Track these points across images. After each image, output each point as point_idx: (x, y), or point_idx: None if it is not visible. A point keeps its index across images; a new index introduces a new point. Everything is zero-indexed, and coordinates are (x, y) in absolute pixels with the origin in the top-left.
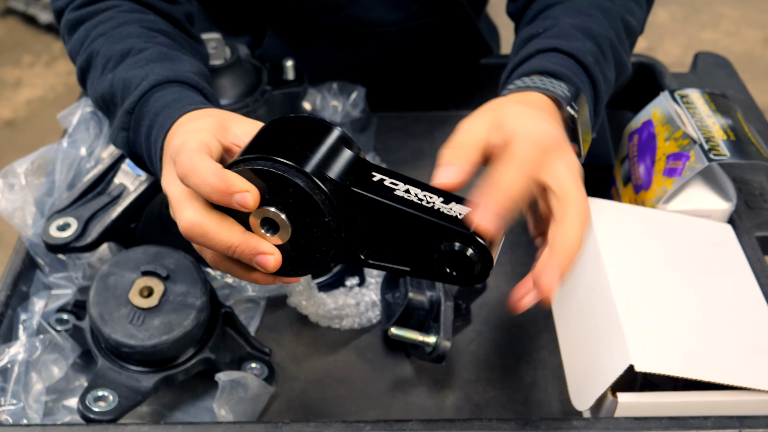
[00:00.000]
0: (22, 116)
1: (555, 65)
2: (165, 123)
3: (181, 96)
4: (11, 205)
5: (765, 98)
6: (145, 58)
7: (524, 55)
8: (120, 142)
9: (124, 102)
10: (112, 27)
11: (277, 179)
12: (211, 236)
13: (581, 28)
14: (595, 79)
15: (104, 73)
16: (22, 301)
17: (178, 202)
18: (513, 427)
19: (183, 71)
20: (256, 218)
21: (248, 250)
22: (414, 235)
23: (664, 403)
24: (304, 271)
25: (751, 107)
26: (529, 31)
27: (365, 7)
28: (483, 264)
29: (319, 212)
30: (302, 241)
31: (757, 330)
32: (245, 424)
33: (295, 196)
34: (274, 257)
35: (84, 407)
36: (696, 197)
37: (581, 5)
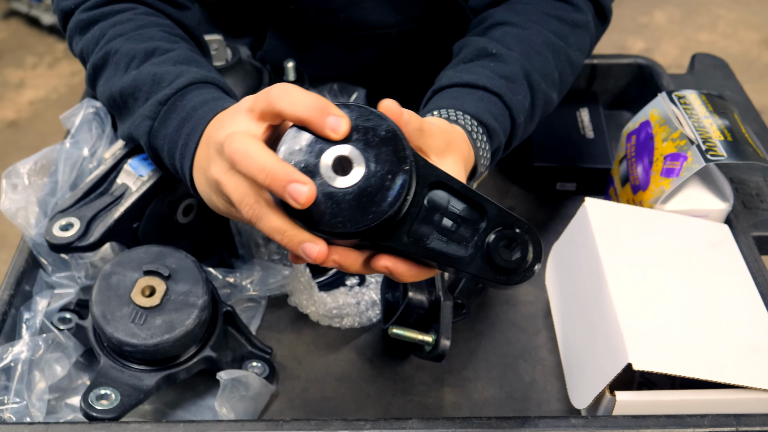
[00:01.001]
0: (25, 117)
1: (492, 119)
2: (206, 116)
3: (220, 96)
4: (14, 205)
5: (762, 99)
6: (172, 58)
7: (473, 80)
8: (141, 131)
9: (155, 94)
10: (132, 29)
11: (375, 119)
12: (252, 154)
13: (528, 75)
14: (515, 135)
15: (128, 70)
16: (26, 300)
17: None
18: (512, 425)
19: (215, 75)
20: (330, 155)
21: (280, 174)
22: (477, 217)
23: (661, 401)
24: (354, 225)
25: (748, 108)
26: (482, 45)
27: (365, 10)
28: (535, 254)
29: (402, 159)
30: (370, 189)
31: (753, 329)
32: (246, 423)
33: (384, 141)
34: (308, 187)
35: (87, 405)
36: (693, 197)
37: (535, 42)
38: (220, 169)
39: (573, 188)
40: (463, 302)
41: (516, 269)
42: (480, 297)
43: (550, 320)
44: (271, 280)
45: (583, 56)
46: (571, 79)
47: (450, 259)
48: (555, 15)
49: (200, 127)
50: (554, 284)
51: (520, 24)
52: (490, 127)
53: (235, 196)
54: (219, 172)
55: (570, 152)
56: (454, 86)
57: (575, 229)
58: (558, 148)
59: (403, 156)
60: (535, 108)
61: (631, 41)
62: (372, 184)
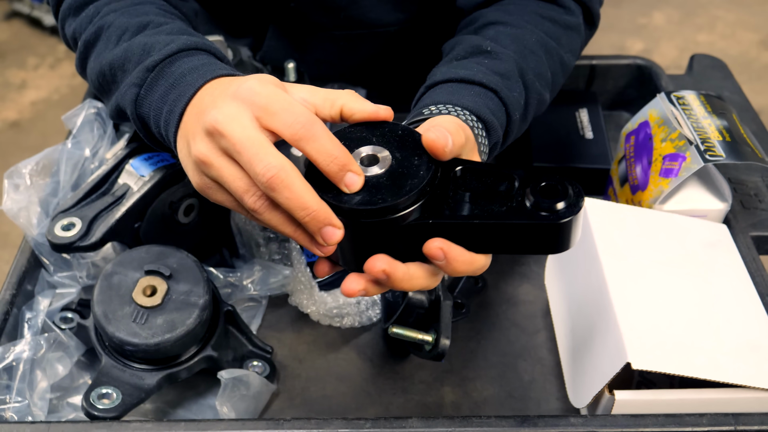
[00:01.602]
0: (27, 118)
1: (490, 114)
2: (195, 82)
3: (210, 62)
4: (16, 205)
5: (760, 100)
6: (165, 30)
7: (469, 76)
8: (127, 99)
9: (144, 61)
10: (126, 5)
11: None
12: (295, 187)
13: (523, 73)
14: (510, 132)
15: (119, 43)
16: (27, 299)
17: (260, 146)
18: (511, 424)
19: (210, 43)
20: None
21: (321, 216)
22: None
23: (660, 400)
24: (395, 197)
25: (747, 108)
26: (476, 42)
27: (365, 8)
28: (575, 192)
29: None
30: (401, 169)
31: (752, 328)
32: (247, 421)
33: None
34: (341, 231)
35: (88, 404)
36: (692, 197)
37: (528, 41)
38: (211, 152)
39: None
40: (463, 302)
41: (561, 207)
42: (479, 297)
43: (550, 320)
44: (272, 280)
45: (574, 58)
46: (562, 81)
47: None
48: (547, 16)
49: (188, 93)
50: (553, 284)
51: (513, 24)
52: (488, 122)
53: (237, 185)
54: (210, 155)
55: (569, 152)
56: (449, 81)
57: None
58: (557, 149)
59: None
60: (529, 106)
61: (630, 42)
62: (403, 165)
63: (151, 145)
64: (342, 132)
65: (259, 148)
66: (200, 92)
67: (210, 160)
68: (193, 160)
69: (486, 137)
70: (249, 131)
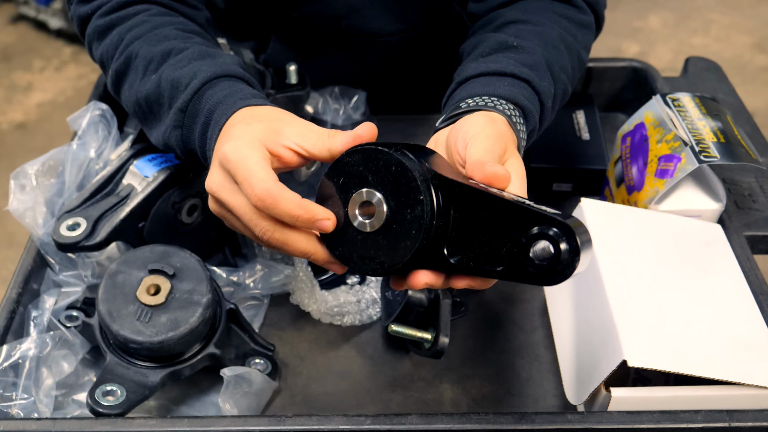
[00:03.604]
0: (33, 119)
1: (527, 101)
2: (219, 120)
3: (232, 90)
4: (22, 206)
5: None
6: (187, 57)
7: (501, 68)
8: (174, 140)
9: (176, 101)
10: (147, 30)
11: (383, 158)
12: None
13: (549, 66)
14: (544, 119)
15: (146, 74)
16: (33, 298)
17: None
18: (509, 420)
19: (227, 65)
20: (356, 201)
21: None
22: (507, 225)
23: (655, 397)
24: (391, 262)
25: (741, 110)
26: (501, 39)
27: (366, 18)
28: (571, 250)
29: (416, 190)
30: (395, 225)
31: (746, 326)
32: (249, 418)
33: (395, 175)
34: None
35: (93, 401)
36: (687, 198)
37: (550, 36)
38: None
39: (569, 189)
40: (462, 300)
41: (552, 269)
42: (478, 295)
43: (547, 318)
44: (274, 279)
45: (587, 55)
46: (578, 76)
47: (490, 272)
48: (563, 14)
49: (217, 130)
50: None
51: (533, 21)
52: (525, 108)
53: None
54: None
55: (566, 153)
56: (481, 75)
57: None
58: (554, 150)
59: (416, 187)
60: (556, 97)
61: (626, 45)
62: (396, 220)
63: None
64: (338, 166)
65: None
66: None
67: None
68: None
69: (524, 124)
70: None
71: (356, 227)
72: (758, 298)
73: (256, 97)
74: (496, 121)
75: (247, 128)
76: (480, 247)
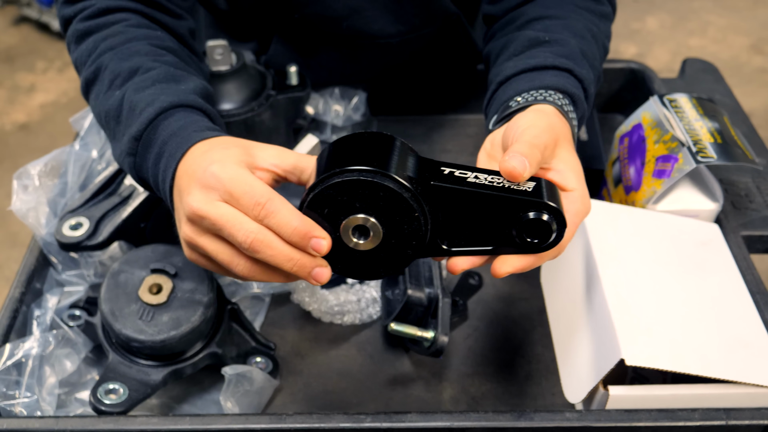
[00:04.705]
0: (36, 120)
1: (573, 88)
2: (174, 153)
3: (187, 123)
4: (25, 206)
5: (750, 102)
6: (152, 77)
7: (540, 62)
8: (126, 166)
9: (131, 127)
10: (120, 42)
11: (368, 186)
12: (275, 245)
13: (584, 54)
14: (589, 105)
15: (111, 89)
16: (36, 297)
17: (234, 218)
18: (508, 418)
19: (187, 94)
20: (347, 226)
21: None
22: (492, 214)
23: (653, 395)
24: (395, 269)
25: (737, 111)
26: (531, 35)
27: (367, 19)
28: (559, 224)
29: (408, 209)
30: (393, 240)
31: (742, 325)
32: (251, 416)
33: (385, 199)
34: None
35: (95, 400)
36: (684, 198)
37: (577, 27)
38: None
39: None
40: (461, 300)
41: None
42: (477, 295)
43: (545, 317)
44: None
45: (609, 44)
46: (602, 66)
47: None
48: (584, 6)
49: (172, 165)
50: (549, 282)
51: (558, 15)
52: (573, 95)
53: (223, 258)
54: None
55: None
56: (521, 73)
57: None
58: None
59: (408, 207)
60: (594, 85)
61: (623, 46)
62: (393, 242)
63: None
64: (321, 196)
65: (235, 220)
66: (180, 165)
67: (195, 240)
68: (182, 239)
69: (574, 111)
70: (222, 209)
71: (352, 248)
72: (755, 298)
73: (211, 129)
74: (547, 113)
75: (226, 152)
76: (471, 232)
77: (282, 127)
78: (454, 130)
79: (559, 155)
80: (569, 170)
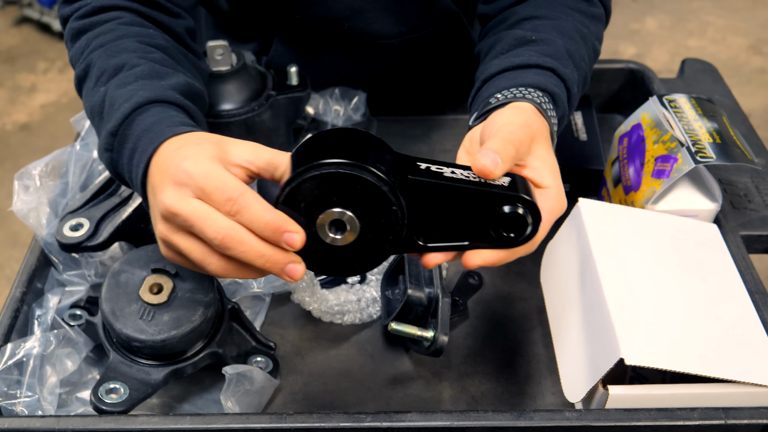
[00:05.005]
0: (37, 120)
1: (555, 87)
2: (147, 148)
3: (161, 118)
4: (26, 206)
5: (749, 103)
6: (135, 74)
7: (524, 61)
8: (105, 161)
9: (108, 123)
10: (110, 39)
11: (345, 179)
12: (246, 241)
13: (570, 54)
14: (571, 105)
15: (97, 85)
16: (37, 297)
17: (206, 215)
18: (508, 418)
19: (165, 90)
20: (324, 221)
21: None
22: (469, 208)
23: (652, 395)
24: (371, 265)
25: (736, 111)
26: (519, 34)
27: (368, 20)
28: (534, 218)
29: (386, 202)
30: (370, 235)
31: (741, 325)
32: (251, 416)
33: (362, 192)
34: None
35: (96, 399)
36: (683, 198)
37: (566, 28)
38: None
39: (567, 189)
40: (461, 299)
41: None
42: (477, 294)
43: (545, 317)
44: (275, 278)
45: (600, 47)
46: (593, 67)
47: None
48: (575, 8)
49: (143, 160)
50: (549, 282)
51: (548, 16)
52: (554, 93)
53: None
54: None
55: (564, 154)
56: (505, 71)
57: (569, 229)
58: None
59: (386, 200)
60: (579, 85)
61: (623, 47)
62: (369, 236)
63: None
64: (297, 190)
65: (207, 216)
66: (153, 161)
67: (169, 238)
68: (157, 236)
69: (554, 109)
70: (194, 205)
71: (329, 243)
72: (754, 297)
73: (185, 125)
74: (525, 110)
75: (199, 147)
76: (446, 227)
77: (282, 127)
78: (454, 130)
79: (535, 152)
80: (545, 167)
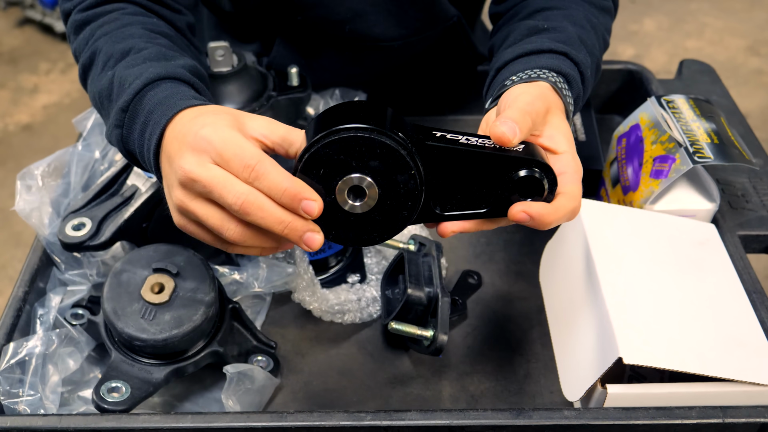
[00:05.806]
0: (39, 121)
1: (569, 69)
2: (160, 120)
3: (173, 92)
4: (29, 206)
5: (747, 103)
6: (143, 56)
7: (537, 47)
8: (114, 139)
9: (119, 100)
10: (115, 27)
11: (364, 143)
12: (266, 206)
13: (582, 41)
14: (586, 90)
15: (104, 70)
16: (40, 296)
17: (225, 180)
18: (507, 416)
19: (175, 67)
20: (343, 188)
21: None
22: (485, 174)
23: (651, 394)
24: (390, 233)
25: (734, 112)
26: (531, 24)
27: (370, 22)
28: (550, 182)
29: (405, 166)
30: (389, 201)
31: (739, 324)
32: (252, 414)
33: (381, 157)
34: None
35: (98, 398)
36: (681, 198)
37: (577, 17)
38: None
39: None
40: (460, 299)
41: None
42: (476, 294)
43: (544, 316)
44: (276, 277)
45: (609, 38)
46: (602, 57)
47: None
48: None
49: (156, 132)
50: (548, 281)
51: (558, 6)
52: (567, 74)
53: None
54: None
55: None
56: (518, 57)
57: (568, 229)
58: None
59: (405, 164)
60: (591, 70)
61: (621, 48)
62: (388, 202)
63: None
64: (316, 156)
65: (226, 182)
66: (167, 131)
67: (186, 205)
68: (173, 205)
69: (569, 90)
70: (213, 171)
71: (347, 211)
72: (751, 297)
73: (197, 98)
74: (539, 85)
75: (216, 117)
76: (464, 194)
77: None
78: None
79: (550, 122)
80: (560, 134)
